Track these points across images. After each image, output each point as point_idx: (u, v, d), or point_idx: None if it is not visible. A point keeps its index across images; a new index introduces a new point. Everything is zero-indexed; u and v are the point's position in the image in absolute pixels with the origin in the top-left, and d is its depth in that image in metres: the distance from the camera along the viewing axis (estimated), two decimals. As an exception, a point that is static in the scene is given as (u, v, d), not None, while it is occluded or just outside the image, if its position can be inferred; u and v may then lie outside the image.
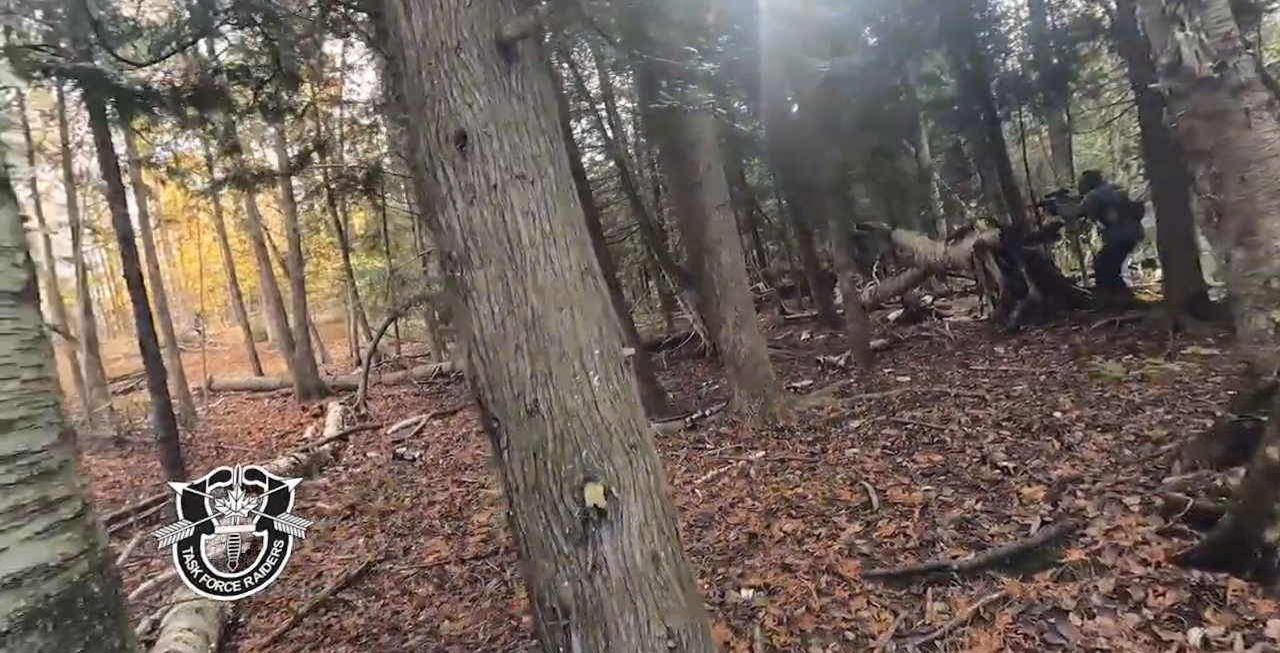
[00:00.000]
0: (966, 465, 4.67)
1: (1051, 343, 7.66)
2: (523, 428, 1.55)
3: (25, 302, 0.90)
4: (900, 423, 5.86)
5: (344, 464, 8.23)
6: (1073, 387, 5.91)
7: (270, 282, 15.86)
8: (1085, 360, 6.63)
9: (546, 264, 1.59)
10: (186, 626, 3.76)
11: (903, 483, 4.61)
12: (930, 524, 3.98)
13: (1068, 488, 4.01)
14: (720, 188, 6.78)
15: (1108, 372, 5.96)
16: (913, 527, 3.98)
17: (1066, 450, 4.57)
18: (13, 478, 0.79)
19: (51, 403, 0.88)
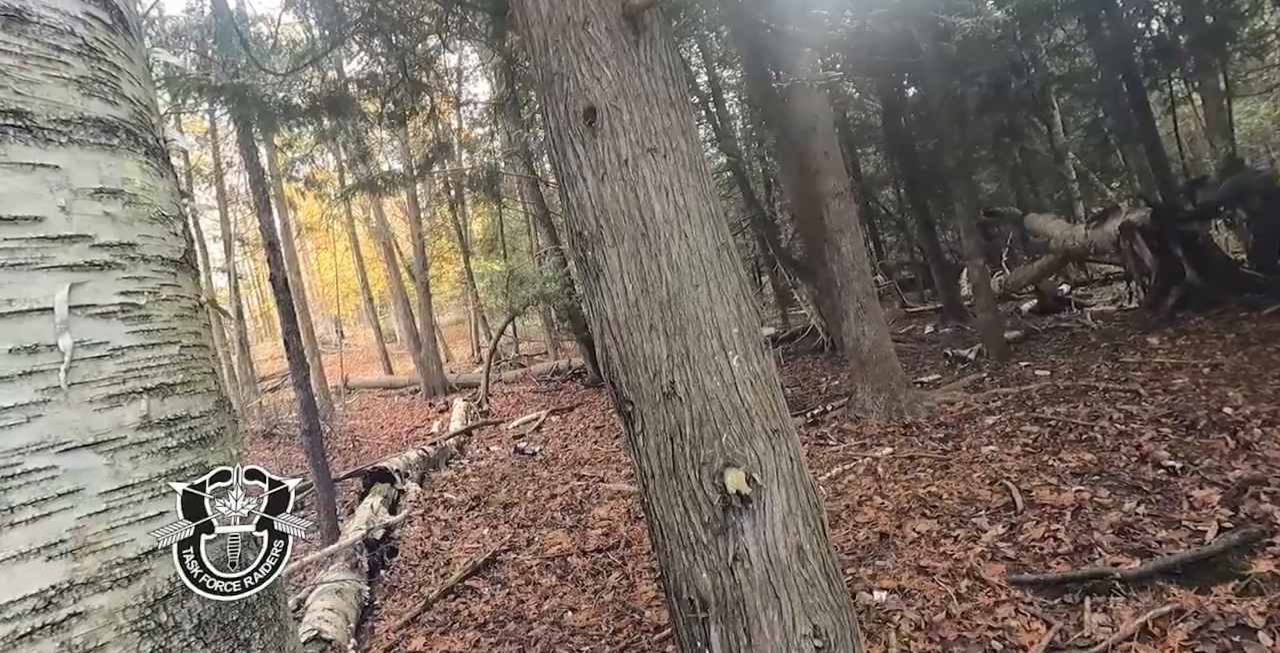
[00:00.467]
0: (1124, 465, 4.26)
1: (1215, 331, 6.92)
2: (659, 411, 1.48)
3: (184, 271, 0.91)
4: (1042, 419, 5.44)
5: (468, 458, 8.50)
6: (1244, 379, 5.30)
7: (398, 285, 16.69)
8: (1258, 350, 5.94)
9: (681, 240, 1.51)
10: (328, 606, 3.94)
11: (1050, 483, 4.26)
12: (1085, 528, 3.64)
13: (1249, 491, 3.57)
14: (839, 175, 6.53)
15: (1289, 363, 5.31)
16: (1064, 530, 3.66)
17: (1244, 449, 4.08)
18: (173, 442, 0.78)
19: (209, 371, 0.88)
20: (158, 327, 0.85)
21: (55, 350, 0.75)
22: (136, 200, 0.89)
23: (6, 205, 0.77)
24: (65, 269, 0.79)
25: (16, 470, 0.69)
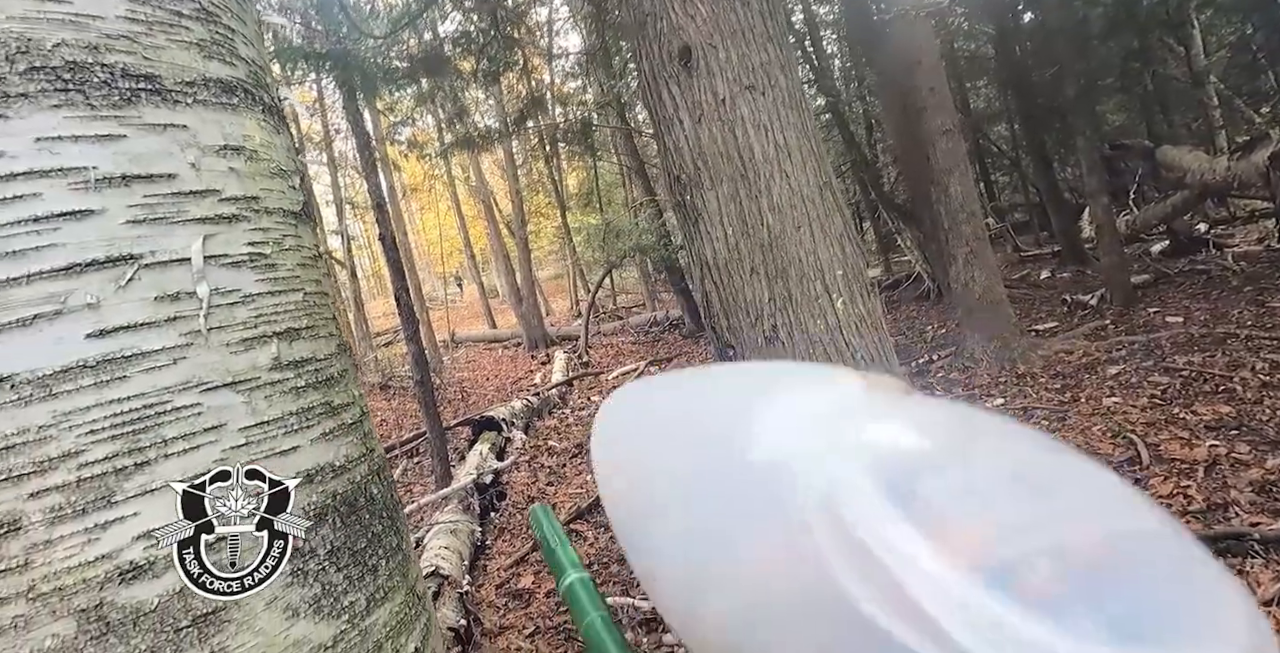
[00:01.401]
0: (1267, 418, 3.94)
1: (1382, 273, 6.22)
2: (760, 355, 1.46)
3: (303, 222, 0.95)
4: (1172, 369, 5.07)
5: (571, 407, 8.73)
6: None
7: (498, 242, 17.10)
8: None
9: (782, 180, 1.46)
10: (444, 544, 4.18)
11: (1180, 437, 3.99)
12: (1220, 485, 3.41)
13: None
14: (947, 111, 6.15)
15: None
16: (1196, 487, 3.44)
17: None
18: (301, 382, 0.83)
19: (330, 317, 0.93)
20: (283, 275, 0.90)
21: (194, 298, 0.81)
22: (257, 156, 0.94)
23: (144, 164, 0.82)
24: (198, 222, 0.84)
25: (168, 407, 0.76)
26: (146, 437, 0.74)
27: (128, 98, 0.83)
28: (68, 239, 0.76)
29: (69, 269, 0.75)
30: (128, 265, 0.78)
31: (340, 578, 0.83)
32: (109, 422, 0.73)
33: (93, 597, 0.70)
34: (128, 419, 0.74)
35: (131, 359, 0.75)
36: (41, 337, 0.73)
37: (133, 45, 0.85)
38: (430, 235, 34.49)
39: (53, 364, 0.73)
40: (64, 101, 0.80)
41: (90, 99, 0.81)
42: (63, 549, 0.70)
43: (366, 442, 0.96)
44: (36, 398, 0.72)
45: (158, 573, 0.72)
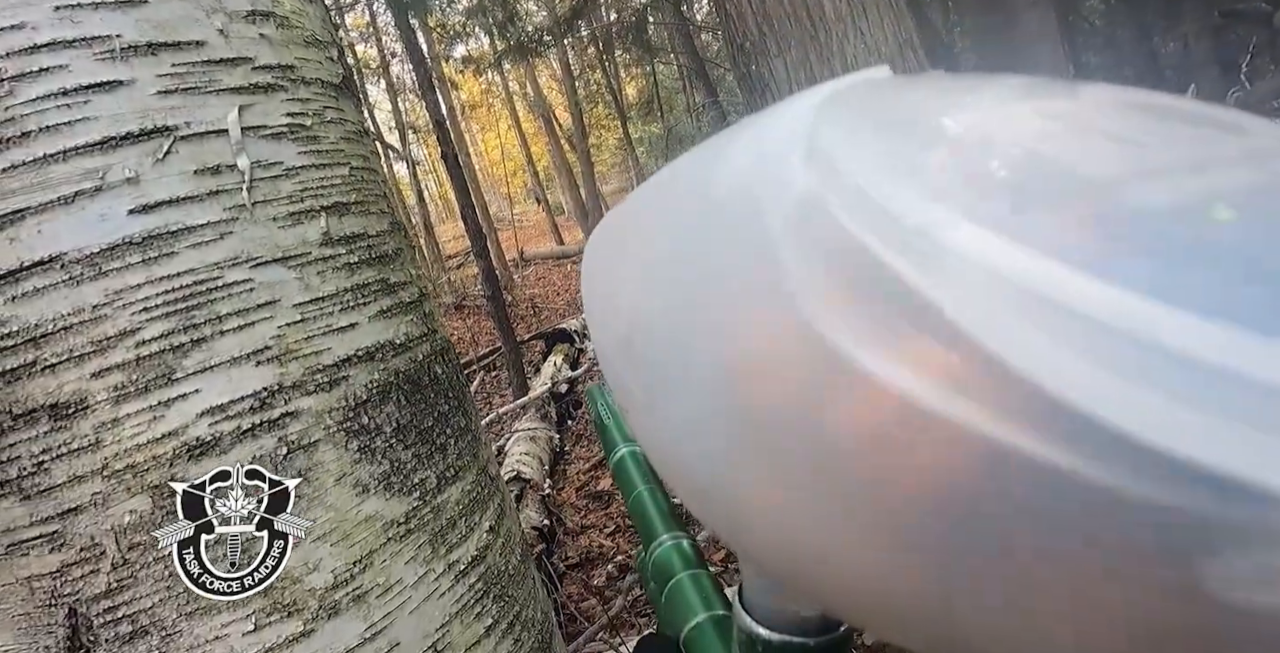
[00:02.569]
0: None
1: None
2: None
3: (345, 95, 0.90)
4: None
5: (641, 318, 8.76)
6: None
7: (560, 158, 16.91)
8: None
9: (856, 39, 1.32)
10: (524, 450, 4.32)
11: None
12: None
13: None
14: (1039, -19, 5.57)
15: None
16: None
17: None
18: (355, 258, 0.80)
19: (381, 194, 0.89)
20: (326, 148, 0.85)
21: (235, 171, 0.77)
22: (288, 23, 0.87)
23: (170, 31, 0.77)
24: (232, 92, 0.79)
25: (219, 283, 0.73)
26: (201, 313, 0.72)
27: (144, -41, 0.78)
28: (100, 112, 0.73)
29: (104, 143, 0.72)
30: (163, 137, 0.74)
31: (409, 456, 0.82)
32: (161, 299, 0.71)
33: (164, 473, 0.71)
34: (180, 296, 0.72)
35: (177, 235, 0.72)
36: (85, 214, 0.71)
37: (143, -98, 0.79)
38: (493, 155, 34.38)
39: (99, 242, 0.71)
40: (78, -35, 0.75)
41: (105, -39, 0.76)
42: (130, 427, 0.70)
43: (428, 322, 0.93)
44: (87, 277, 0.70)
45: (224, 449, 0.72)
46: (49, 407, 0.70)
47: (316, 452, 0.75)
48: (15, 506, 0.72)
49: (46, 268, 0.70)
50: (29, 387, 0.71)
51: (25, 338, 0.70)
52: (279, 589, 0.73)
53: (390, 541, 0.79)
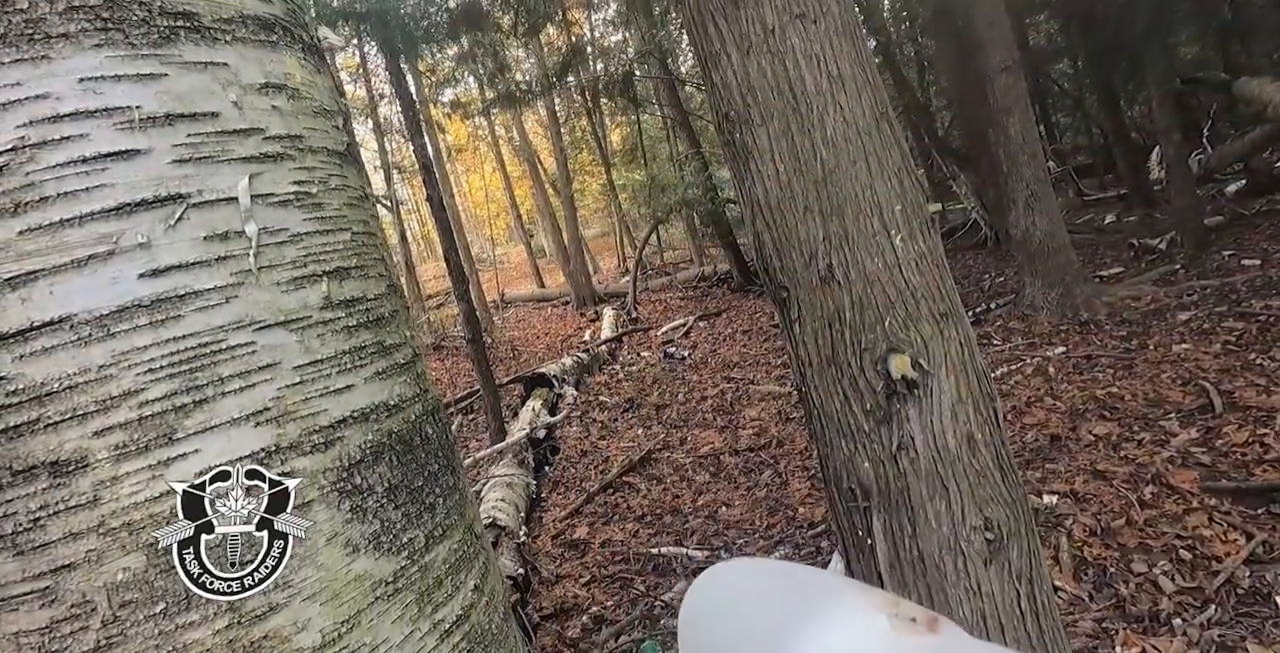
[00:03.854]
0: (1353, 362, 3.75)
1: None
2: (815, 296, 1.42)
3: (349, 162, 0.94)
4: (1249, 314, 4.85)
5: (620, 363, 8.79)
6: None
7: (544, 201, 17.11)
8: None
9: (835, 112, 1.40)
10: (500, 497, 4.29)
11: (1256, 384, 3.83)
12: (1300, 432, 3.27)
13: None
14: (1006, 47, 5.85)
15: None
16: (1274, 435, 3.30)
17: None
18: (353, 321, 0.83)
19: (379, 257, 0.92)
20: (330, 214, 0.89)
21: (243, 237, 0.80)
22: (299, 95, 0.92)
23: (188, 103, 0.81)
24: (243, 161, 0.83)
25: (223, 346, 0.76)
26: (203, 375, 0.74)
27: (167, 36, 0.82)
28: (116, 179, 0.76)
29: (119, 209, 0.75)
30: (176, 205, 0.77)
31: (399, 516, 0.84)
32: (166, 360, 0.73)
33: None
34: (184, 358, 0.74)
35: (185, 298, 0.75)
36: (96, 277, 0.74)
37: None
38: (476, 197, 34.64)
39: (109, 304, 0.73)
40: (104, 41, 0.79)
41: (130, 37, 0.80)
42: (129, 485, 0.72)
43: (420, 382, 0.95)
44: (95, 338, 0.73)
45: (221, 508, 0.73)
46: (49, 464, 0.72)
47: (310, 511, 0.77)
48: (8, 561, 0.72)
49: (56, 328, 0.72)
50: (31, 444, 0.72)
51: (30, 396, 0.71)
52: (268, 649, 0.74)
53: (378, 600, 0.80)
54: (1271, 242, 6.62)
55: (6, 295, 0.72)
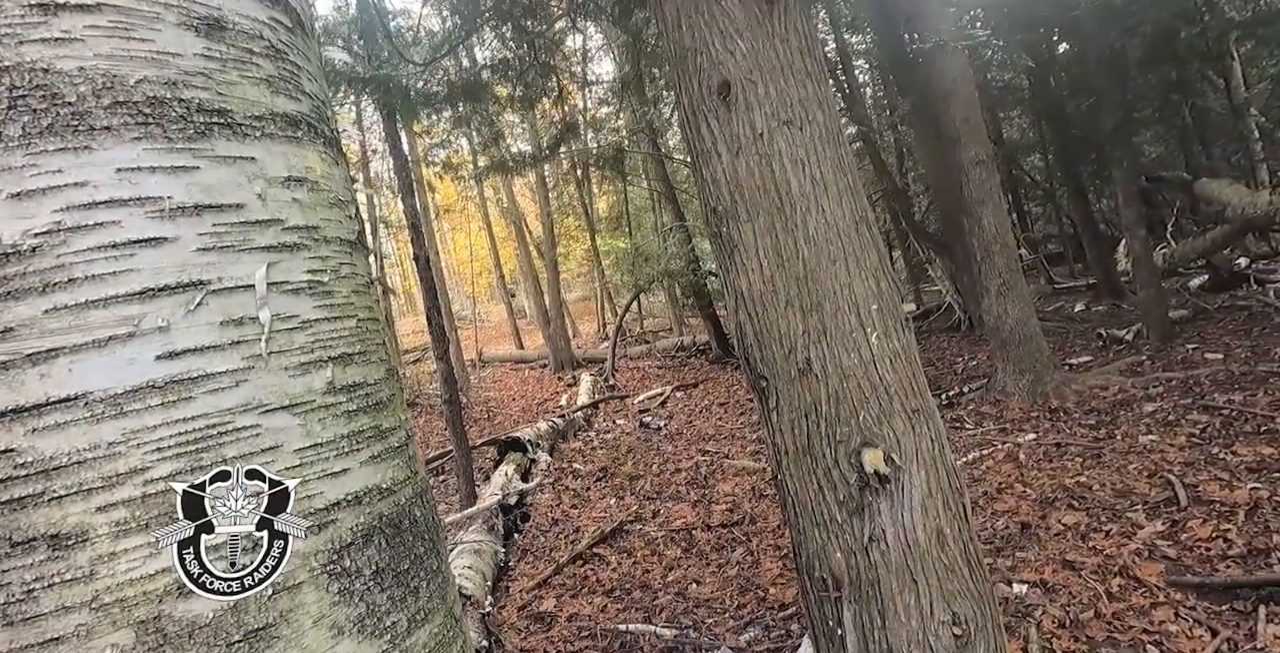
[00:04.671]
0: (1311, 460, 3.85)
1: None
2: (794, 388, 1.47)
3: (358, 250, 0.99)
4: (1212, 408, 4.98)
5: (596, 430, 8.75)
6: None
7: (527, 263, 17.30)
8: None
9: (818, 214, 1.49)
10: (468, 564, 4.20)
11: (1219, 478, 3.91)
12: (1261, 529, 3.34)
13: None
14: (980, 142, 6.15)
15: None
16: (1236, 531, 3.36)
17: None
18: (353, 406, 0.86)
19: (380, 342, 0.97)
20: (339, 302, 0.93)
21: (256, 323, 0.84)
22: (318, 187, 0.98)
23: (215, 194, 0.87)
24: (263, 250, 0.88)
25: (229, 427, 0.79)
26: (208, 456, 0.77)
27: (202, 131, 0.88)
28: (143, 265, 0.81)
29: (143, 293, 0.79)
30: (197, 291, 0.82)
31: (384, 598, 0.86)
32: (174, 440, 0.76)
33: (151, 609, 0.73)
34: (192, 438, 0.77)
35: (197, 381, 0.79)
36: (115, 357, 0.77)
37: (208, 81, 0.90)
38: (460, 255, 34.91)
39: (124, 384, 0.77)
40: (144, 134, 0.85)
41: (168, 132, 0.86)
42: (125, 562, 0.74)
43: (411, 465, 0.98)
44: (108, 416, 0.76)
45: (214, 588, 0.75)
46: (49, 536, 0.73)
47: (299, 593, 0.78)
48: (-5, 633, 0.73)
49: (70, 404, 0.75)
50: (33, 516, 0.74)
51: (38, 469, 0.74)
52: (247, 734, 0.74)
53: (358, 684, 0.81)
54: (1233, 336, 6.86)
55: (27, 371, 0.75)
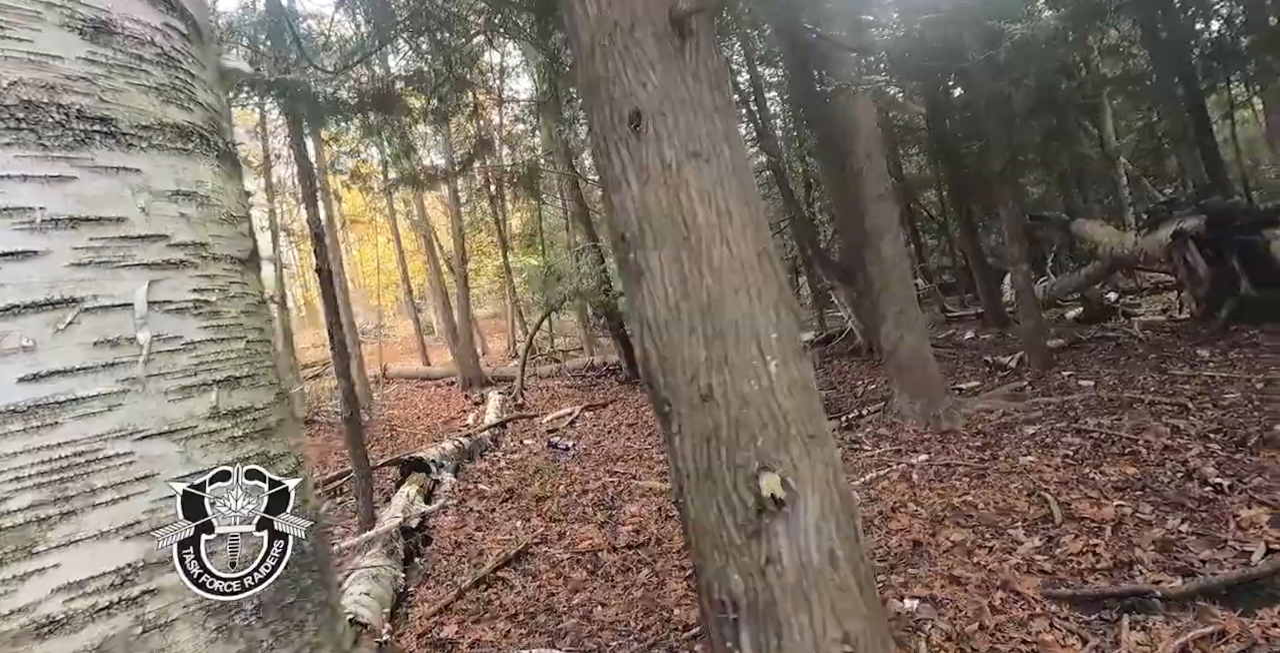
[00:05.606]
0: (1168, 481, 4.18)
1: (1270, 346, 6.72)
2: (696, 413, 1.50)
3: (250, 269, 0.96)
4: (1084, 431, 5.35)
5: (503, 450, 8.60)
6: (1300, 396, 5.16)
7: (437, 278, 16.96)
8: (1316, 366, 5.76)
9: (722, 245, 1.53)
10: (364, 590, 4.04)
11: (1090, 496, 4.19)
12: (1125, 544, 3.59)
13: (1301, 512, 3.49)
14: (880, 177, 6.47)
15: (1348, 380, 5.13)
16: (1104, 545, 3.60)
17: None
18: (239, 432, 0.83)
19: (271, 365, 0.93)
20: (226, 322, 0.90)
21: (134, 344, 0.80)
22: (208, 202, 0.94)
23: (94, 207, 0.82)
24: (145, 267, 0.84)
25: (98, 455, 0.74)
26: (74, 485, 0.73)
27: (81, 139, 0.84)
28: (8, 279, 0.75)
29: (7, 310, 0.74)
30: (69, 308, 0.77)
31: (266, 634, 0.82)
32: (36, 469, 0.71)
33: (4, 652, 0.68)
34: (56, 467, 0.72)
35: (65, 405, 0.74)
36: (-30, 379, 0.72)
37: (91, 87, 0.86)
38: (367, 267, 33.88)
39: (-20, 408, 0.71)
40: (15, 140, 0.80)
41: (43, 139, 0.81)
42: (-25, 602, 0.68)
43: (301, 493, 0.95)
44: (-41, 442, 0.70)
45: (76, 628, 0.70)
46: (-118, 577, 0.67)
47: (172, 631, 0.74)
48: None
49: (-84, 431, 0.69)
50: None
51: (-128, 501, 0.67)
52: None
53: (234, 726, 0.77)
54: (1103, 365, 7.40)
55: None
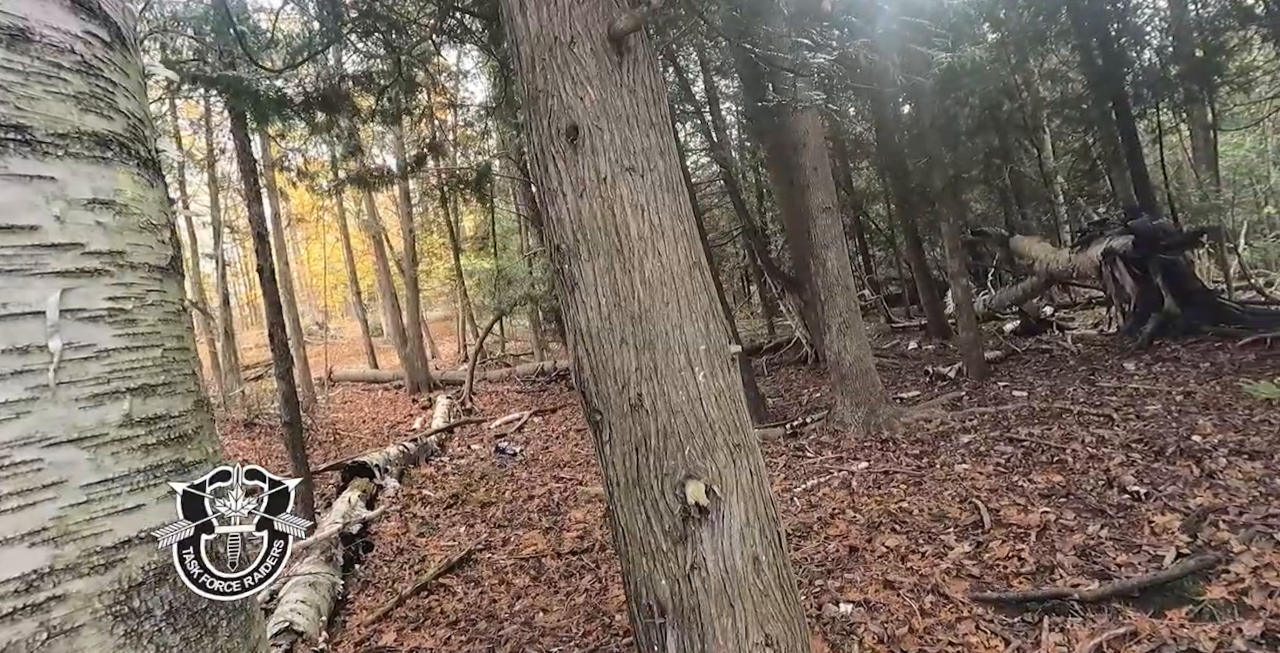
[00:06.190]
0: (1090, 488, 4.36)
1: (1190, 360, 7.06)
2: (625, 422, 1.54)
3: (169, 276, 0.96)
4: (1016, 440, 5.54)
5: (449, 455, 8.52)
6: (1215, 408, 5.42)
7: (386, 279, 16.68)
8: (1230, 380, 6.07)
9: (654, 258, 1.57)
10: (301, 598, 3.97)
11: (1018, 503, 4.35)
12: (1048, 549, 3.73)
13: (1208, 518, 3.68)
14: (827, 191, 6.61)
15: (1258, 393, 5.42)
16: (1028, 550, 3.75)
17: (1207, 478, 4.19)
18: (152, 439, 0.83)
19: (190, 372, 0.94)
20: (143, 330, 0.90)
21: (45, 352, 0.80)
22: (127, 210, 0.94)
23: (5, 215, 0.82)
24: (58, 275, 0.84)
25: (4, 462, 0.74)
26: (-23, 493, 0.72)
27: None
28: (-90, 287, 0.75)
29: (-91, 319, 0.74)
30: (-24, 317, 0.77)
31: (177, 639, 0.82)
32: (-63, 476, 0.71)
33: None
34: (-42, 475, 0.72)
35: (-31, 413, 0.74)
36: None
37: (6, 95, 0.86)
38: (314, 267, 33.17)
39: (-122, 416, 0.71)
40: (-78, 146, 0.79)
41: (-48, 146, 0.81)
42: None
43: (217, 500, 0.95)
44: None
45: (-27, 636, 0.70)
46: None
47: (79, 637, 0.74)
48: None
49: None
50: None
51: None
52: None
53: (139, 734, 0.77)
54: (1036, 376, 7.67)
55: None
